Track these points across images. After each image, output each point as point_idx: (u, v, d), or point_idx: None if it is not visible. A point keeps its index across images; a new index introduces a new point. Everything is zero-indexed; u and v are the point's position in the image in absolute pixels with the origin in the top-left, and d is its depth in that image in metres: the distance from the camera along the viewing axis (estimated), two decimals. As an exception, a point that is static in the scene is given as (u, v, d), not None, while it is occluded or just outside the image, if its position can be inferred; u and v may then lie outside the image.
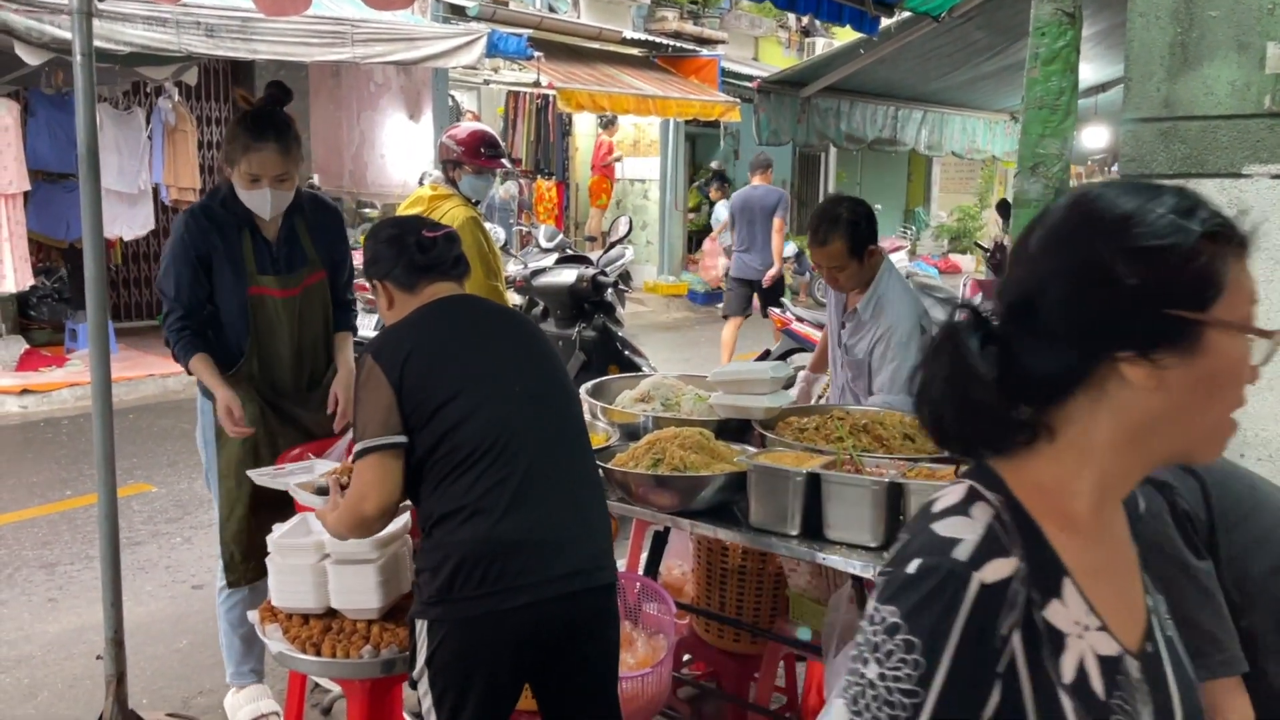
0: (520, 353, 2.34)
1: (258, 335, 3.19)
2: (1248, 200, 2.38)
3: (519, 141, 13.39)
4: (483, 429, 2.15)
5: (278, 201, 3.14)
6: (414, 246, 2.36)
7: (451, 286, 2.41)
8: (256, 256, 3.18)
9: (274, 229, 3.22)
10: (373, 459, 2.15)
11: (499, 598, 2.10)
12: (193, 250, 3.12)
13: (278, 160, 3.09)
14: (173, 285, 3.14)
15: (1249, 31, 2.35)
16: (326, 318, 3.34)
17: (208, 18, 6.60)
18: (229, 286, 3.15)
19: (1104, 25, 5.93)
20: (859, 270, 3.40)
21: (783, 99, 6.81)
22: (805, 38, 18.34)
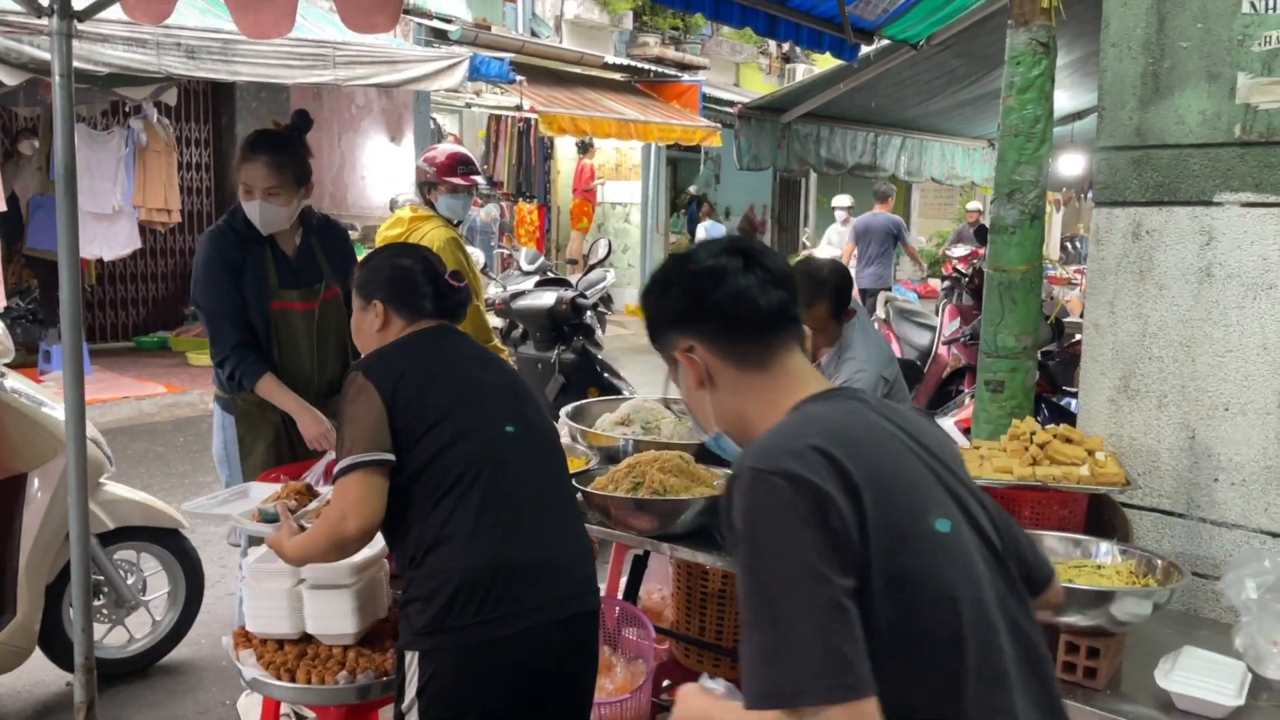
0: (502, 382, 2.34)
1: (280, 348, 3.31)
2: (1219, 228, 2.41)
3: (500, 165, 13.41)
4: (474, 451, 2.13)
5: (266, 214, 3.24)
6: (442, 288, 2.36)
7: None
8: (278, 271, 3.31)
9: (292, 245, 3.37)
10: (358, 475, 2.07)
11: (498, 624, 2.06)
12: (226, 263, 3.25)
13: (266, 173, 3.21)
14: (214, 298, 3.25)
15: (1219, 62, 2.39)
16: (341, 330, 3.41)
17: (188, 39, 6.59)
18: (253, 300, 3.27)
19: (1079, 54, 6.02)
20: (835, 331, 3.44)
21: (763, 124, 6.87)
22: (786, 64, 18.53)
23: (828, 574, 1.22)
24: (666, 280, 1.56)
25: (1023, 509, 2.38)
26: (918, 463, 1.40)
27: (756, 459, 1.31)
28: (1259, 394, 2.38)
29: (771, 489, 1.27)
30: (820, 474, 1.26)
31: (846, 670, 1.19)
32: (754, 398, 1.48)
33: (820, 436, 1.32)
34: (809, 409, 1.43)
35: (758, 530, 1.27)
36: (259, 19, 3.74)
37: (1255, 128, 2.35)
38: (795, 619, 1.22)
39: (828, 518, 1.24)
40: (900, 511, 1.31)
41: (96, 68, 6.14)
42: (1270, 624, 1.97)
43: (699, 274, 1.52)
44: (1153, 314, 2.52)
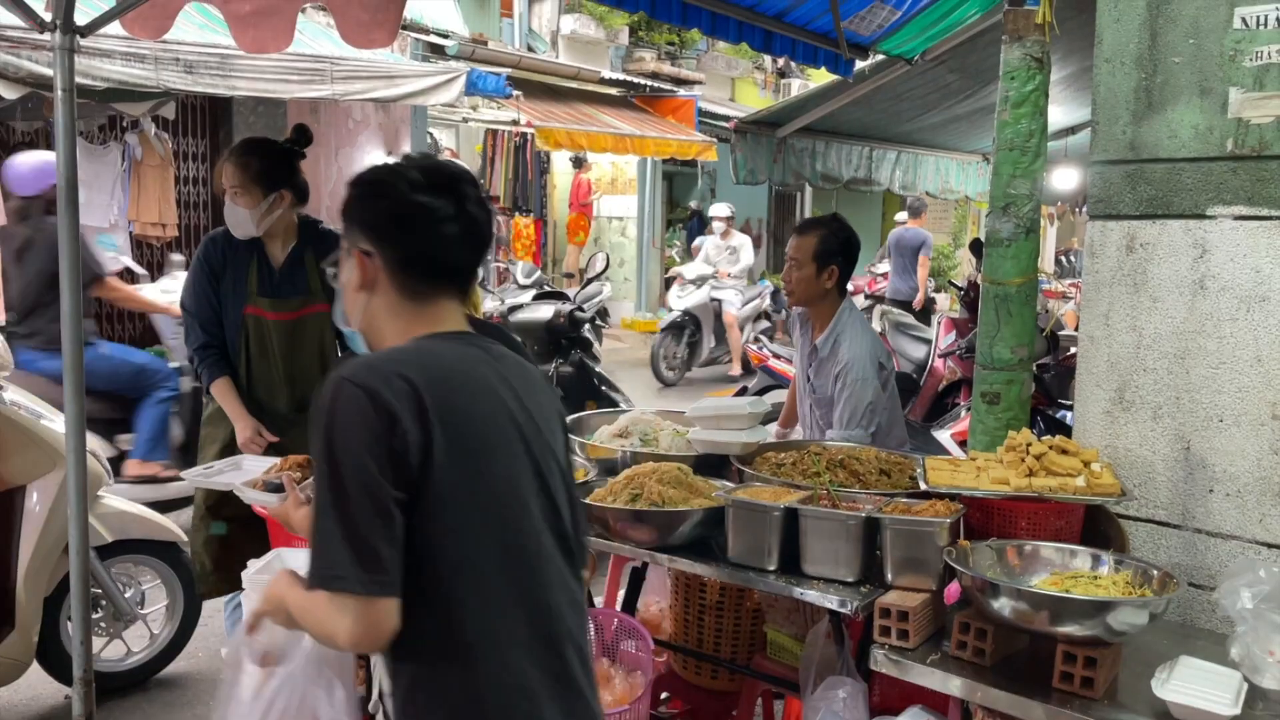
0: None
1: (249, 353, 3.39)
2: (1212, 241, 2.43)
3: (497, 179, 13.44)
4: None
5: (231, 215, 3.37)
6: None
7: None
8: (259, 278, 3.39)
9: (281, 255, 3.43)
10: None
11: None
12: (207, 265, 3.40)
13: (231, 171, 3.35)
14: (190, 299, 3.42)
15: (1211, 77, 2.42)
16: (323, 348, 3.46)
17: (187, 54, 6.61)
18: (230, 304, 3.38)
19: (1073, 69, 6.07)
20: (812, 283, 3.45)
21: (759, 139, 6.90)
22: (781, 79, 18.61)
23: (382, 482, 1.43)
24: (382, 189, 1.66)
25: (1019, 520, 2.39)
26: (509, 421, 1.59)
27: (352, 371, 1.51)
28: (1253, 405, 2.40)
29: (353, 399, 1.46)
30: (398, 398, 1.46)
31: (379, 569, 1.42)
32: (397, 322, 1.65)
33: (414, 368, 1.51)
34: (426, 344, 1.61)
35: (334, 430, 1.47)
36: (258, 34, 3.79)
37: (1247, 142, 2.38)
38: (349, 515, 1.43)
39: (393, 436, 1.45)
40: (468, 452, 1.51)
41: (95, 82, 6.15)
42: (1266, 634, 1.99)
43: (411, 206, 1.63)
44: (1147, 326, 2.54)
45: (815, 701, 2.41)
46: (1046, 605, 1.99)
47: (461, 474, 1.50)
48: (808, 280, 3.47)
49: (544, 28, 14.87)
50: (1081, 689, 1.97)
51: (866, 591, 2.34)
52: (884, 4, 5.06)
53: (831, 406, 3.44)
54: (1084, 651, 1.98)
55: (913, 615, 2.19)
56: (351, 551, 1.42)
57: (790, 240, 3.54)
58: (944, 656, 2.15)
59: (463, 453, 1.50)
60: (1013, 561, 2.27)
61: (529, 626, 1.55)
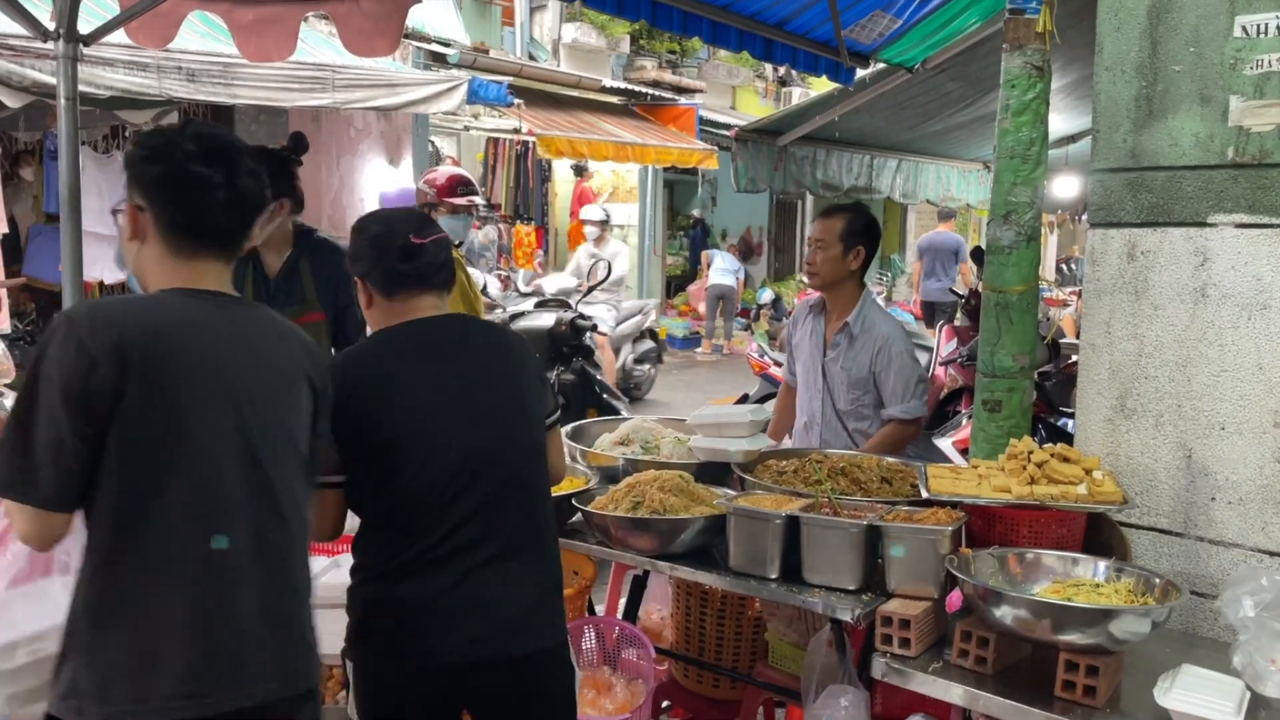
0: (477, 388, 2.22)
1: None
2: (1213, 249, 2.43)
3: (499, 187, 13.47)
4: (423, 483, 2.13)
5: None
6: (397, 253, 2.21)
7: (433, 301, 2.26)
8: (255, 288, 3.35)
9: (276, 263, 3.38)
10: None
11: (396, 658, 2.11)
12: None
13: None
14: None
15: (1212, 85, 2.42)
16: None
17: (189, 63, 6.63)
18: None
19: (1074, 77, 6.07)
20: (838, 264, 3.47)
21: (760, 147, 6.90)
22: (782, 87, 18.64)
23: (65, 416, 1.63)
24: (158, 155, 1.82)
25: (1021, 528, 2.39)
26: (217, 379, 1.76)
27: (74, 314, 1.72)
28: (1254, 413, 2.39)
29: (66, 339, 1.65)
30: (103, 349, 1.65)
31: (37, 486, 1.64)
32: (160, 273, 1.84)
33: (134, 321, 1.71)
34: (167, 297, 1.80)
35: (42, 360, 1.67)
36: (261, 43, 3.80)
37: (1248, 150, 2.38)
38: (29, 434, 1.64)
39: (89, 379, 1.63)
40: (161, 405, 1.69)
41: (98, 91, 6.17)
42: (1268, 642, 1.98)
43: (182, 173, 1.80)
44: (1148, 334, 2.54)
45: (817, 710, 2.40)
46: (1048, 613, 1.99)
47: (150, 424, 1.69)
48: (834, 261, 3.48)
49: (545, 36, 14.91)
50: (1084, 698, 1.97)
51: (868, 599, 2.34)
52: (885, 12, 5.07)
53: (868, 388, 3.44)
54: (1086, 660, 1.98)
55: (914, 623, 2.19)
56: (21, 466, 1.65)
57: (814, 224, 3.56)
58: (946, 665, 2.15)
59: (154, 405, 1.69)
60: (1014, 570, 2.27)
61: (194, 586, 1.71)
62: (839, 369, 3.51)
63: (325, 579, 2.51)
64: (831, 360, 3.53)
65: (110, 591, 1.68)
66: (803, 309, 3.76)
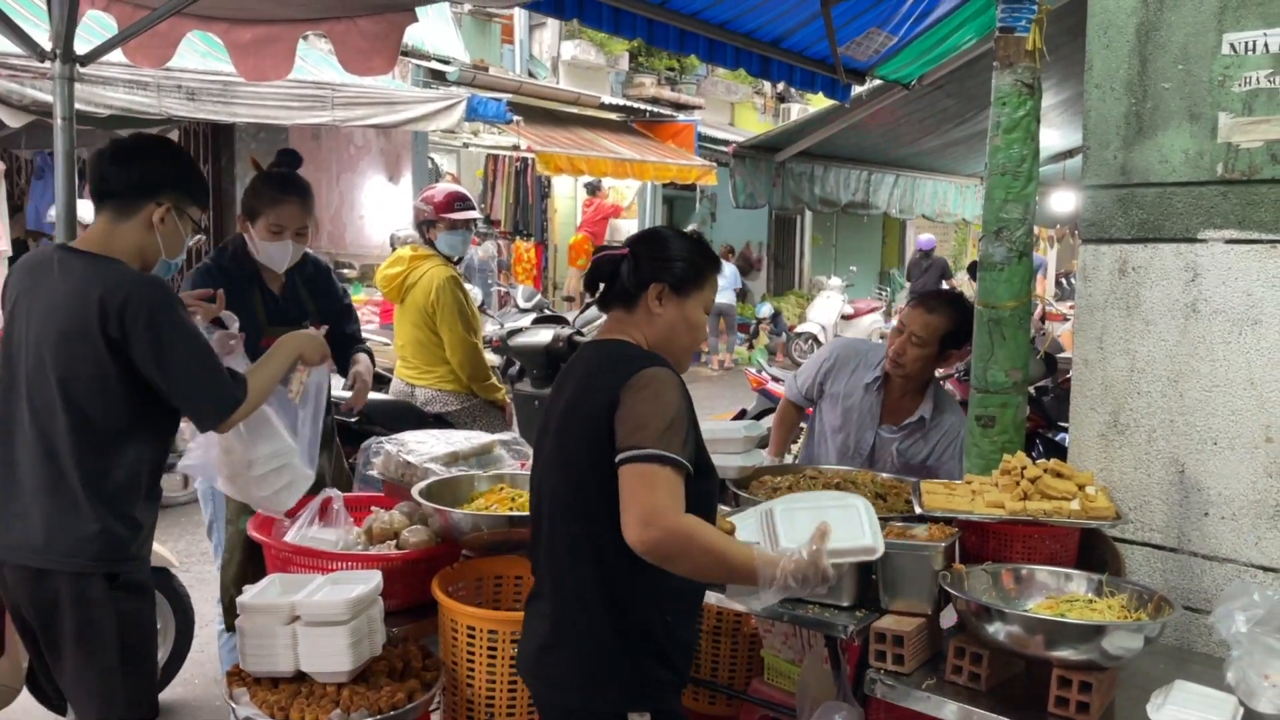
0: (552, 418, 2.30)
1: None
2: (1204, 264, 2.44)
3: (498, 203, 13.51)
4: None
5: (296, 253, 3.36)
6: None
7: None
8: (266, 308, 3.35)
9: (278, 283, 3.42)
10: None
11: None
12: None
13: (299, 214, 3.32)
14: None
15: (1200, 102, 2.44)
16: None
17: (189, 81, 6.68)
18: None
19: (1069, 94, 6.10)
20: (930, 364, 3.38)
21: (758, 163, 6.93)
22: (781, 103, 18.73)
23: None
24: (143, 147, 2.53)
25: (1014, 544, 2.39)
26: (24, 317, 2.44)
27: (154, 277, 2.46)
28: (1246, 428, 2.40)
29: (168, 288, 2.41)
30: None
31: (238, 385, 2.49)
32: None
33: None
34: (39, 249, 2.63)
35: (173, 305, 2.40)
36: (259, 63, 3.82)
37: (1237, 166, 2.39)
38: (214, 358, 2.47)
39: None
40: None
41: (98, 110, 6.21)
42: (1261, 658, 1.98)
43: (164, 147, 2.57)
44: (1140, 349, 2.55)
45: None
46: (1042, 630, 1.99)
47: None
48: (925, 360, 3.36)
49: (544, 53, 14.99)
50: (1077, 714, 1.97)
51: (862, 616, 2.33)
52: (880, 30, 5.10)
53: (917, 472, 3.28)
54: (1080, 676, 1.97)
55: (908, 640, 2.19)
56: (228, 383, 2.43)
57: (913, 311, 3.39)
58: (940, 681, 2.14)
59: None
60: (1008, 585, 2.27)
61: None
62: (895, 450, 3.45)
63: (319, 596, 2.51)
64: (890, 441, 3.46)
65: None
66: (855, 356, 3.57)
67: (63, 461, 2.35)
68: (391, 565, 2.78)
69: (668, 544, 1.91)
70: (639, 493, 1.93)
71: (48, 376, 2.34)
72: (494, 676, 2.62)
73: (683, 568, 1.96)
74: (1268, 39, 2.35)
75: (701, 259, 2.24)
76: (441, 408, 4.48)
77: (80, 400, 2.34)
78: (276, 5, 3.62)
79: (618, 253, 2.21)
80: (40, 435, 2.36)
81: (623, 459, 1.96)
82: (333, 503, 3.00)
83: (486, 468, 3.24)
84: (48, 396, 2.34)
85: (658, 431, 1.96)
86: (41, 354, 2.35)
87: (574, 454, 2.09)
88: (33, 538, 2.35)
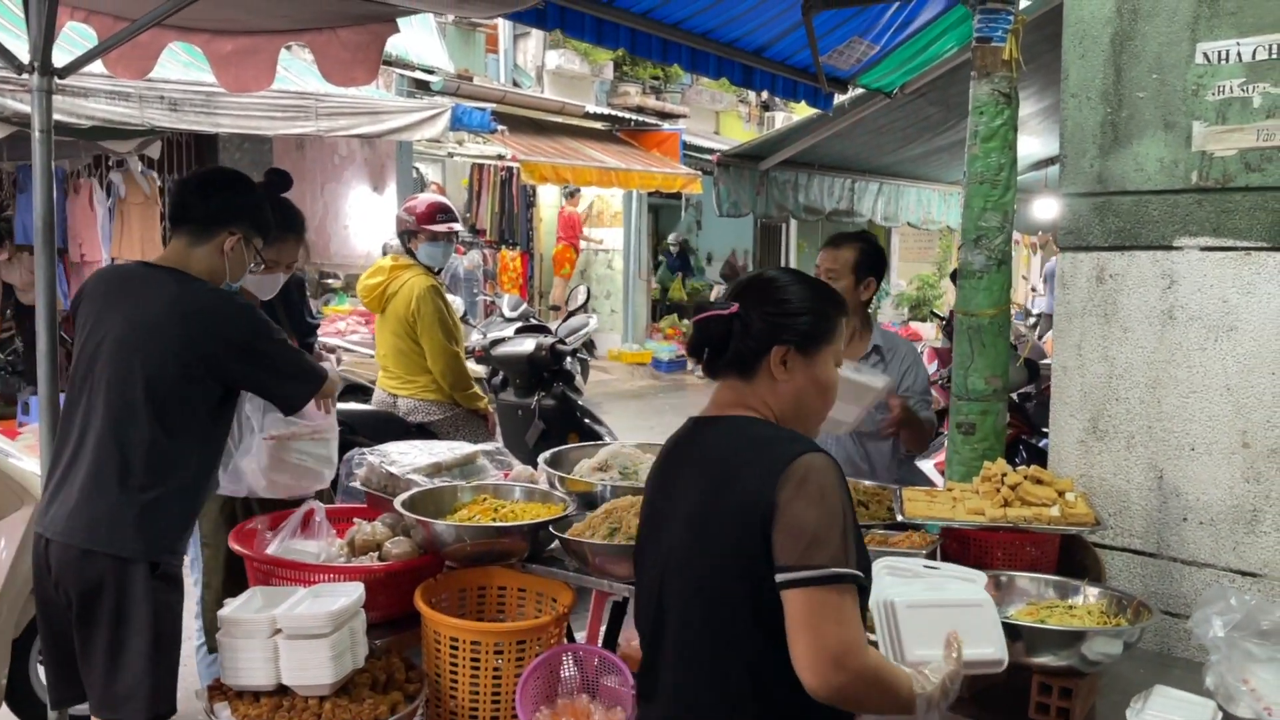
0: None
1: None
2: (1180, 271, 2.46)
3: (483, 213, 13.50)
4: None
5: (271, 281, 3.34)
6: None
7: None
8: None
9: (257, 302, 3.37)
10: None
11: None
12: None
13: (296, 250, 3.39)
14: None
15: (1175, 111, 2.46)
16: None
17: (171, 92, 6.65)
18: None
19: (1050, 101, 6.14)
20: (850, 295, 3.38)
21: (742, 172, 6.96)
22: (765, 112, 18.78)
23: None
24: (223, 180, 2.82)
25: (995, 550, 2.40)
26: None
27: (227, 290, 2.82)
28: (1223, 434, 2.42)
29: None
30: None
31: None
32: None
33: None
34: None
35: (254, 313, 2.71)
36: (239, 74, 3.82)
37: (1211, 174, 2.42)
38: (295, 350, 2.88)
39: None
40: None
41: (80, 121, 6.18)
42: (1239, 662, 1.99)
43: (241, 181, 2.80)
44: (1119, 356, 2.57)
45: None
46: (1021, 636, 1.99)
47: None
48: (846, 292, 3.37)
49: (529, 63, 15.01)
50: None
51: (844, 624, 2.33)
52: (862, 39, 5.12)
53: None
54: (1060, 682, 1.98)
55: (889, 647, 2.19)
56: (313, 369, 2.86)
57: (823, 253, 3.50)
58: (921, 689, 2.14)
59: None
60: (989, 592, 2.27)
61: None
62: None
63: (301, 608, 2.50)
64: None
65: None
66: None
67: (129, 455, 2.53)
68: (374, 577, 2.77)
69: (854, 688, 1.64)
70: (823, 627, 1.63)
71: (135, 377, 2.53)
72: (477, 688, 2.61)
73: (863, 708, 1.71)
74: (1240, 48, 2.38)
75: (828, 305, 1.90)
76: (424, 417, 4.47)
77: (160, 402, 2.54)
78: (258, 17, 3.61)
79: (724, 313, 1.86)
80: (114, 429, 2.53)
81: (794, 580, 1.66)
82: (315, 514, 2.99)
83: (470, 478, 3.23)
84: (131, 396, 2.53)
85: (835, 545, 1.67)
86: (128, 357, 2.55)
87: (717, 563, 1.78)
88: (83, 520, 2.51)
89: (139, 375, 2.54)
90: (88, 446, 2.56)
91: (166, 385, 2.55)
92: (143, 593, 2.53)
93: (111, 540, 2.51)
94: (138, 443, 2.54)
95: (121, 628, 2.52)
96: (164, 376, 2.55)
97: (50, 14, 2.93)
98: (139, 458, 2.54)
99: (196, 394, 2.60)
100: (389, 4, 3.30)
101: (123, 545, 2.51)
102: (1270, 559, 2.38)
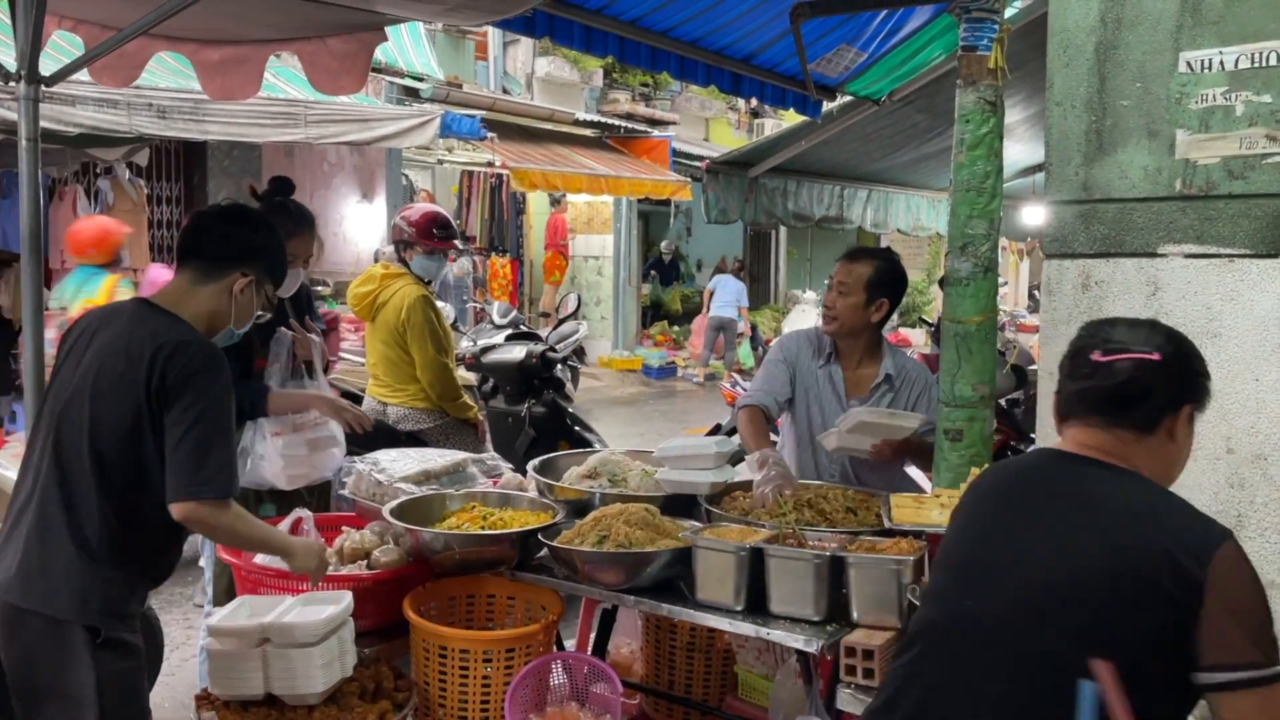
0: None
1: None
2: (1164, 279, 2.48)
3: (473, 219, 13.52)
4: None
5: (300, 279, 3.55)
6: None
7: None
8: (257, 330, 3.35)
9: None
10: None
11: None
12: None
13: (310, 243, 3.51)
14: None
15: (1159, 119, 2.48)
16: None
17: (159, 99, 6.64)
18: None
19: (1037, 108, 6.17)
20: (859, 313, 3.31)
21: (731, 179, 6.97)
22: (755, 119, 18.84)
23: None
24: (243, 218, 2.54)
25: (983, 556, 2.41)
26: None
27: (210, 344, 2.39)
28: (1209, 440, 2.43)
29: (224, 365, 2.35)
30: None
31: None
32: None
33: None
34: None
35: (218, 380, 2.30)
36: (226, 82, 3.82)
37: (1195, 182, 2.43)
38: (232, 446, 2.37)
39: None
40: None
41: (67, 128, 6.16)
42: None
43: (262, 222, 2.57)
44: (1104, 362, 2.57)
45: (783, 742, 2.39)
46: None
47: None
48: (855, 309, 3.31)
49: (519, 70, 15.03)
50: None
51: (832, 630, 2.35)
52: (850, 46, 5.14)
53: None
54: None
55: (878, 654, 2.20)
56: (232, 472, 2.40)
57: (839, 265, 3.39)
58: (908, 695, 2.15)
59: None
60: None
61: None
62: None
63: (289, 617, 2.50)
64: (876, 401, 3.38)
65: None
66: (799, 343, 3.52)
67: (70, 502, 2.24)
68: (362, 585, 2.77)
69: None
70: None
71: (83, 416, 2.25)
72: (466, 696, 2.61)
73: None
74: (1223, 57, 2.40)
75: (1203, 364, 1.80)
76: (414, 425, 4.47)
77: (105, 444, 2.23)
78: (245, 26, 3.61)
79: (1149, 357, 1.72)
80: (58, 471, 2.26)
81: (1241, 681, 1.53)
82: (303, 522, 2.99)
83: (458, 486, 3.23)
84: (76, 436, 2.25)
85: (1274, 637, 1.57)
86: (83, 393, 2.26)
87: (1110, 645, 1.57)
88: (16, 574, 2.22)
89: (86, 413, 2.25)
90: (32, 491, 2.30)
91: (113, 426, 2.24)
92: (81, 661, 2.19)
93: (43, 597, 2.20)
94: (77, 489, 2.25)
95: (61, 700, 2.22)
96: (111, 415, 2.24)
97: (38, 22, 2.93)
98: (77, 503, 2.24)
99: (144, 438, 2.24)
100: (377, 12, 3.31)
101: (53, 603, 2.19)
102: (1255, 564, 2.39)
